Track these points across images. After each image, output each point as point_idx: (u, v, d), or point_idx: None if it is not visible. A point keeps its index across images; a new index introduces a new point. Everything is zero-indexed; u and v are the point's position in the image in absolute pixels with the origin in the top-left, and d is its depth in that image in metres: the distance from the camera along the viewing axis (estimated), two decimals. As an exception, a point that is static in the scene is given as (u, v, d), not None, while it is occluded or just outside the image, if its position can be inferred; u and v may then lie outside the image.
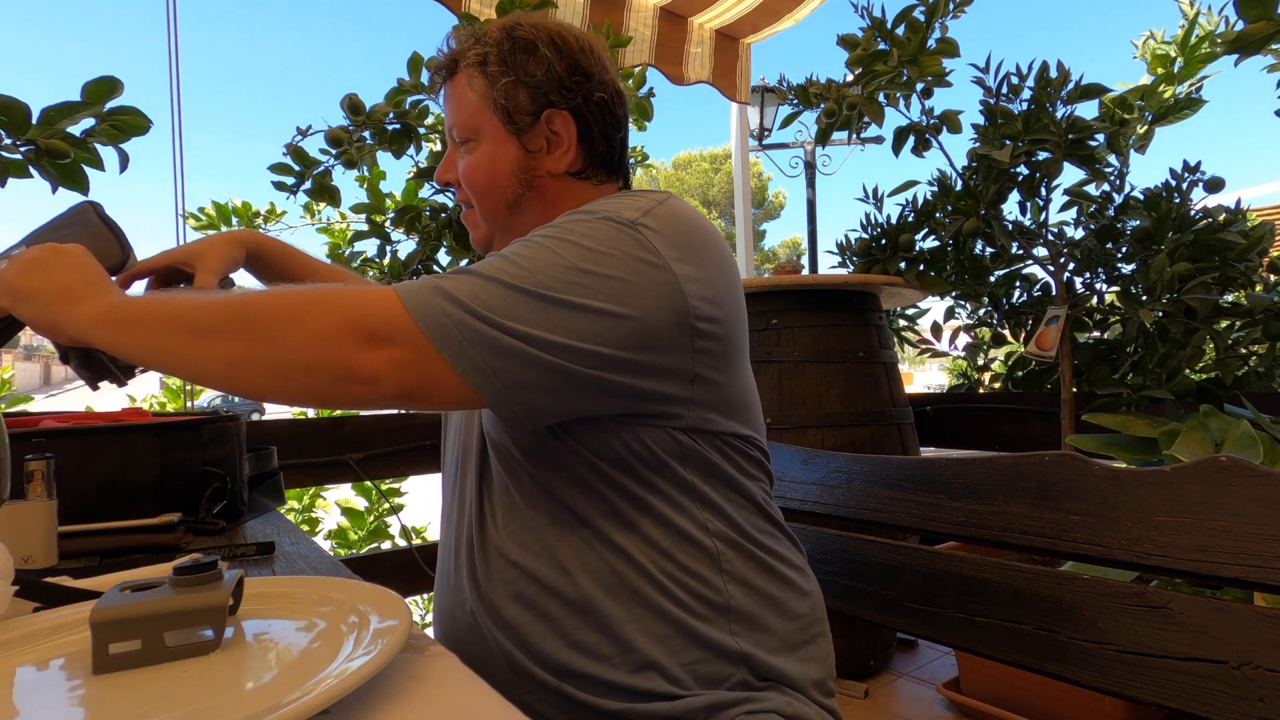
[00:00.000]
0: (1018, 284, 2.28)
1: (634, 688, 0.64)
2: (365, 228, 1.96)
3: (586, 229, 0.63)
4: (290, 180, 1.80)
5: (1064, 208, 2.05)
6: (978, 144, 2.04)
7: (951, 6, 1.93)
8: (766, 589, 0.70)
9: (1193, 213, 1.90)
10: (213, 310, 0.57)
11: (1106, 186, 2.01)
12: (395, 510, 2.24)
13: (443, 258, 1.97)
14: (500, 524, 0.70)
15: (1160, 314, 1.79)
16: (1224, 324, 1.87)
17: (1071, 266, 2.07)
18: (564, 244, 0.61)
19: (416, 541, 2.17)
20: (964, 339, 2.42)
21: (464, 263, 1.95)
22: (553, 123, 0.75)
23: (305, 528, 2.35)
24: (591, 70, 0.76)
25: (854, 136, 2.32)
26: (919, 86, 2.01)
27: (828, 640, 0.75)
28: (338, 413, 2.29)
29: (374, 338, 0.55)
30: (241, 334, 0.56)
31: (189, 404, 2.56)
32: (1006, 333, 2.33)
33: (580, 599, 0.66)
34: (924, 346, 2.51)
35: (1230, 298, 1.93)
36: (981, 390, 2.44)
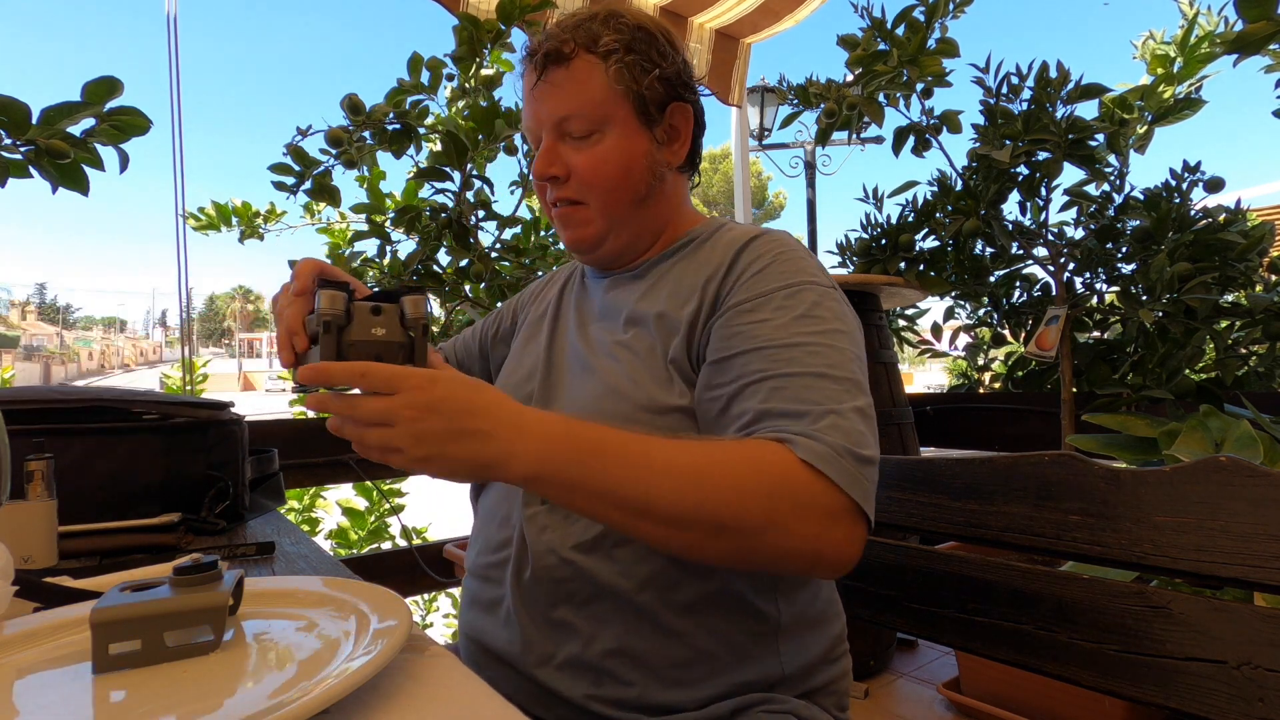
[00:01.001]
0: (1018, 284, 2.28)
1: (661, 704, 0.64)
2: (365, 228, 1.96)
3: (835, 308, 0.66)
4: (290, 180, 1.80)
5: (1064, 208, 2.05)
6: (978, 144, 2.04)
7: (951, 6, 1.92)
8: (809, 607, 0.72)
9: (1193, 213, 1.90)
10: (667, 499, 0.54)
11: (1106, 186, 2.01)
12: (395, 510, 2.24)
13: (443, 258, 1.97)
14: (557, 519, 0.68)
15: (1160, 314, 1.79)
16: (1224, 324, 1.87)
17: (1071, 266, 2.07)
18: (840, 335, 0.64)
19: (416, 541, 2.17)
20: (964, 339, 2.42)
21: (464, 263, 1.95)
22: (674, 116, 0.76)
23: (305, 528, 2.35)
24: (692, 64, 0.78)
25: (854, 136, 2.32)
26: (919, 86, 2.01)
27: (849, 659, 0.77)
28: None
29: (837, 523, 0.57)
30: (707, 530, 0.55)
31: (188, 388, 2.57)
32: (1006, 333, 2.33)
33: (636, 604, 0.65)
34: (924, 346, 2.51)
35: (1230, 298, 1.93)
36: (981, 390, 2.44)
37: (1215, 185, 1.93)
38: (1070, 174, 1.95)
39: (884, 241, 2.29)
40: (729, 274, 0.70)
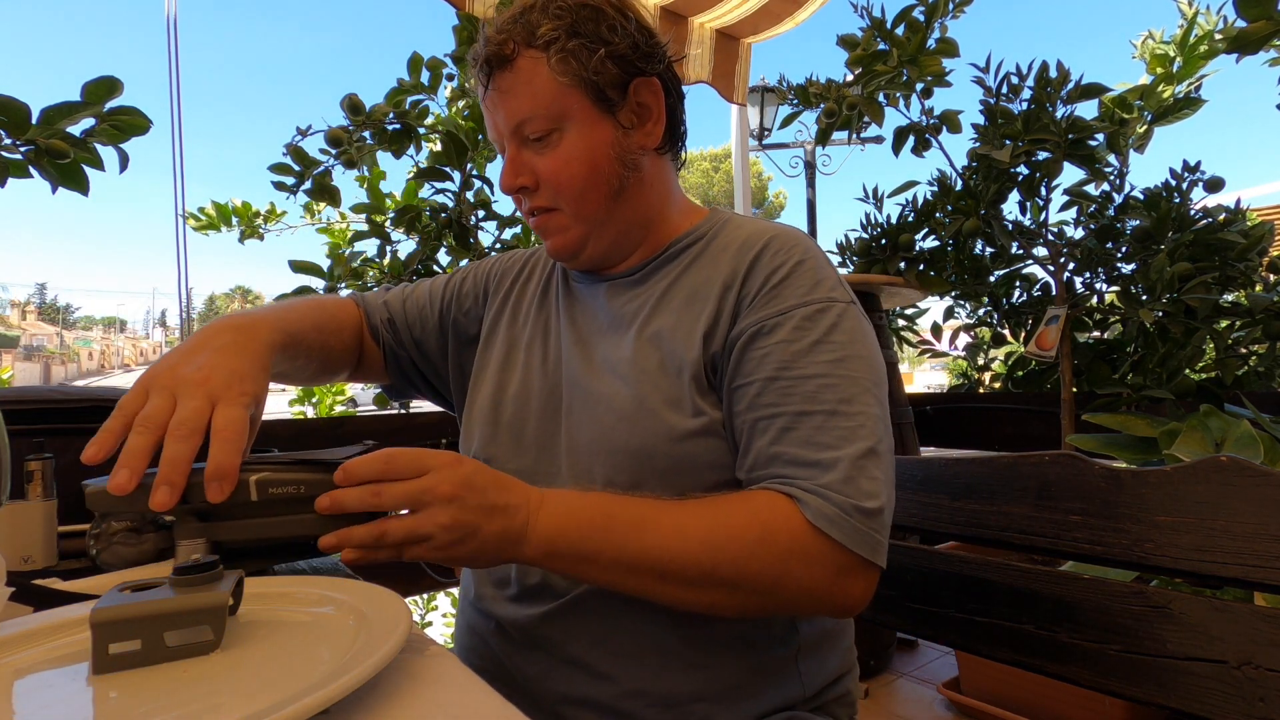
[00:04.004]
0: (1018, 284, 2.28)
1: None
2: (365, 228, 1.96)
3: (853, 328, 0.64)
4: (290, 180, 1.80)
5: (1064, 208, 2.05)
6: (978, 144, 2.04)
7: (951, 6, 1.92)
8: (826, 623, 0.72)
9: (1193, 213, 1.90)
10: (679, 560, 0.56)
11: (1106, 186, 2.01)
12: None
13: (443, 258, 1.97)
14: None
15: (1160, 314, 1.79)
16: (1224, 324, 1.87)
17: (1071, 266, 2.07)
18: (856, 362, 0.62)
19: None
20: (964, 339, 2.42)
21: (463, 263, 1.95)
22: (639, 93, 0.69)
23: (305, 528, 2.34)
24: (655, 31, 0.71)
25: (854, 136, 2.32)
26: (919, 86, 2.01)
27: (857, 665, 0.78)
28: (337, 412, 2.29)
29: (848, 576, 0.58)
30: (724, 587, 0.57)
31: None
32: (1006, 333, 2.33)
33: (664, 645, 0.64)
34: (924, 346, 2.51)
35: (1230, 298, 1.93)
36: (981, 390, 2.44)
37: (1215, 185, 1.93)
38: (1070, 174, 1.95)
39: (884, 241, 2.29)
40: (747, 281, 0.66)
